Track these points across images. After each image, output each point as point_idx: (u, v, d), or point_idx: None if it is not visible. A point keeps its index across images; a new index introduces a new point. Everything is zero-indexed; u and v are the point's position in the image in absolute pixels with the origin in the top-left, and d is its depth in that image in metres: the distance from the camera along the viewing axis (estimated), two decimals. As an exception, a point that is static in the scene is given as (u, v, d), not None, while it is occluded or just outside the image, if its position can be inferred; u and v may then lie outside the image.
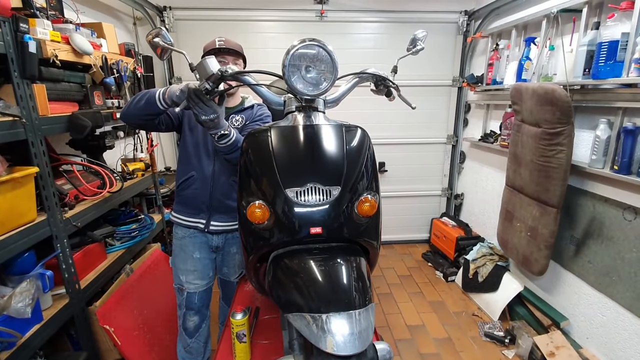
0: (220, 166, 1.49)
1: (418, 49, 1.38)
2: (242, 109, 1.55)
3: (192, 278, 1.59)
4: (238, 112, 1.55)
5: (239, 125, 1.53)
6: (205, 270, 1.62)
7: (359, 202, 1.06)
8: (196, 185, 1.50)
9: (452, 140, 3.45)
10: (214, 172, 1.49)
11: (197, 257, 1.58)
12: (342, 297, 0.90)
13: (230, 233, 1.62)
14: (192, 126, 1.50)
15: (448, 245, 3.17)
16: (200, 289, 1.61)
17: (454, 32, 3.21)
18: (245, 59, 1.54)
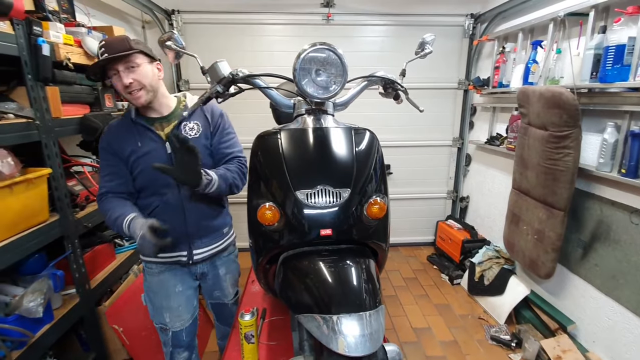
0: (188, 190, 1.27)
1: (426, 52, 1.39)
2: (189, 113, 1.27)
3: (176, 315, 1.40)
4: (185, 119, 1.29)
5: (197, 134, 1.28)
6: (189, 303, 1.44)
7: (368, 204, 1.07)
8: (164, 215, 1.25)
9: (458, 143, 3.45)
10: (181, 198, 1.28)
11: (180, 290, 1.40)
12: (352, 298, 0.91)
13: (216, 255, 1.45)
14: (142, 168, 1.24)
15: (453, 248, 3.16)
16: (187, 324, 1.44)
17: (460, 35, 3.21)
18: (147, 52, 1.20)
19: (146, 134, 1.25)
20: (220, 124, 1.36)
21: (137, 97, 1.17)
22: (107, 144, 1.25)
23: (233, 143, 1.39)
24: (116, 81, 1.15)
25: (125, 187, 1.27)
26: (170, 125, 1.27)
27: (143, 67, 1.17)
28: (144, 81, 1.16)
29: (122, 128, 1.26)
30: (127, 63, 1.13)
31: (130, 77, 1.14)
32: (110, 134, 1.26)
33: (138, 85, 1.15)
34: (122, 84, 1.13)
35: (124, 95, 1.17)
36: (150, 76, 1.19)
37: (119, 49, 1.10)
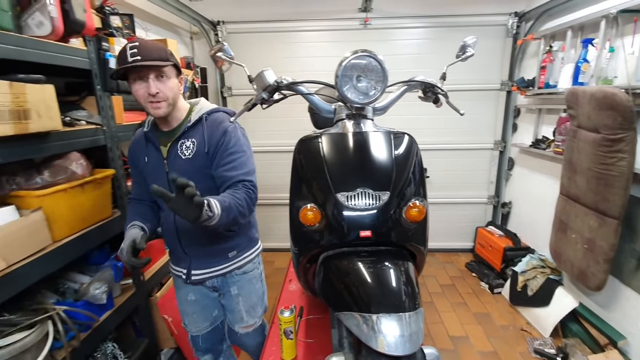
0: None
1: (468, 55, 1.37)
2: (187, 128, 1.19)
3: (192, 320, 1.40)
4: (184, 135, 1.19)
5: (190, 155, 1.17)
6: (205, 312, 1.40)
7: (407, 207, 1.08)
8: (166, 233, 1.30)
9: (500, 146, 3.32)
10: (175, 219, 1.24)
11: (193, 300, 1.37)
12: (392, 299, 0.93)
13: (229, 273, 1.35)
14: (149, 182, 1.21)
15: (494, 255, 3.04)
16: (203, 331, 1.42)
17: (503, 35, 3.11)
18: (178, 66, 1.17)
19: (151, 148, 1.23)
20: (221, 142, 1.19)
21: (157, 107, 1.11)
22: (129, 153, 1.30)
23: (239, 164, 1.20)
24: (138, 87, 1.08)
25: (148, 196, 1.30)
26: (172, 140, 1.20)
27: (171, 81, 1.13)
28: (169, 94, 1.12)
29: (139, 139, 1.27)
30: (158, 72, 1.08)
31: (158, 86, 1.08)
32: (132, 145, 1.30)
33: (162, 96, 1.10)
34: (146, 91, 1.08)
35: (143, 103, 1.11)
36: (175, 90, 1.16)
37: (156, 57, 1.06)
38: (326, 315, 1.72)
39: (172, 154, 1.19)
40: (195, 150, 1.17)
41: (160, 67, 1.08)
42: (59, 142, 1.19)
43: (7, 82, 0.96)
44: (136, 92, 1.10)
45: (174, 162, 1.19)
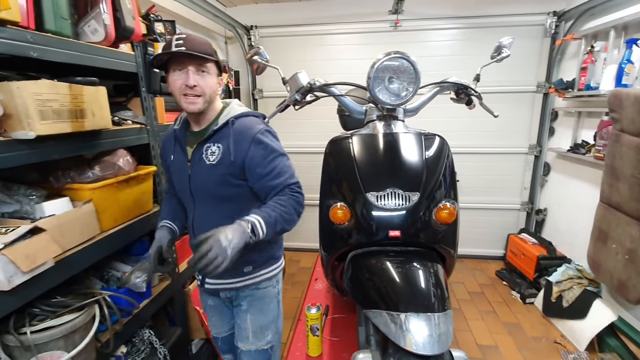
0: (203, 211, 1.17)
1: (503, 56, 1.35)
2: (214, 131, 1.11)
3: (212, 323, 1.42)
4: (211, 137, 1.12)
5: (214, 161, 1.10)
6: (224, 318, 1.37)
7: (437, 209, 1.09)
8: (189, 234, 1.29)
9: (535, 151, 3.19)
10: (193, 218, 1.20)
11: (212, 305, 1.36)
12: (420, 299, 0.93)
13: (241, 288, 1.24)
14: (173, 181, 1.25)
15: (527, 264, 2.93)
16: (223, 334, 1.40)
17: (540, 35, 3.00)
18: (219, 63, 1.12)
19: (178, 147, 1.19)
20: (255, 152, 1.09)
21: (193, 102, 1.06)
22: (161, 149, 1.30)
23: (281, 170, 1.11)
24: (177, 78, 1.04)
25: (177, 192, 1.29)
26: (198, 142, 1.14)
27: (211, 77, 1.09)
28: (206, 90, 1.06)
29: (169, 136, 1.25)
30: (200, 66, 1.05)
31: (196, 79, 1.04)
32: (163, 141, 1.30)
33: (199, 91, 1.05)
34: (183, 82, 1.03)
35: (178, 95, 1.06)
36: (213, 88, 1.10)
37: (200, 49, 1.02)
38: (351, 315, 1.73)
39: (197, 156, 1.13)
40: (220, 157, 1.09)
41: (202, 60, 1.04)
42: (108, 139, 1.29)
43: (67, 84, 1.05)
44: (173, 83, 1.05)
45: (197, 166, 1.13)
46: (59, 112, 1.02)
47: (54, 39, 1.05)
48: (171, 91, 1.08)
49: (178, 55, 1.01)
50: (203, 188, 1.14)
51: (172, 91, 1.07)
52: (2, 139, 0.91)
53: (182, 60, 1.03)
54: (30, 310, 1.06)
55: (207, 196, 1.15)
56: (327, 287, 2.04)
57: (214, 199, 1.15)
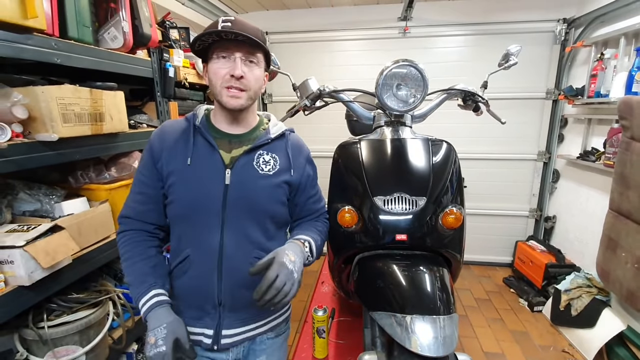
0: (237, 234, 0.93)
1: (511, 64, 1.37)
2: (268, 140, 0.98)
3: None
4: (263, 146, 0.98)
5: (270, 171, 0.96)
6: None
7: (443, 213, 1.10)
8: (194, 271, 0.93)
9: (544, 157, 3.18)
10: (222, 245, 0.92)
11: None
12: (426, 301, 0.95)
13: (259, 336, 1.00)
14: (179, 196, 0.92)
15: (535, 271, 2.91)
16: None
17: (550, 42, 3.00)
18: (268, 53, 0.96)
19: (205, 150, 0.93)
20: (310, 173, 1.06)
21: (236, 96, 0.89)
22: (153, 145, 0.95)
23: (321, 196, 1.12)
24: (220, 66, 0.88)
25: (157, 219, 0.96)
26: (241, 149, 0.96)
27: (260, 71, 0.93)
28: (253, 85, 0.91)
29: (177, 131, 0.95)
30: (249, 54, 0.88)
31: (244, 70, 0.88)
32: (162, 135, 0.96)
33: (246, 84, 0.89)
34: (229, 72, 0.87)
35: (219, 88, 0.89)
36: (260, 83, 0.95)
37: (252, 33, 0.85)
38: (357, 318, 1.75)
39: (241, 164, 0.93)
40: (278, 169, 0.97)
41: (253, 48, 0.88)
42: (125, 142, 1.34)
43: (88, 89, 1.10)
44: (215, 72, 0.88)
45: (242, 175, 0.93)
46: (80, 116, 1.06)
47: (76, 46, 1.10)
48: (210, 82, 0.91)
49: (225, 39, 0.85)
50: (248, 202, 0.93)
51: (212, 82, 0.90)
52: (26, 140, 0.96)
53: (229, 45, 0.86)
54: (47, 305, 1.11)
55: (248, 213, 0.93)
56: (333, 291, 2.06)
57: (254, 219, 0.94)
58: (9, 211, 1.06)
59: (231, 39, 0.85)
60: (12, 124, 0.93)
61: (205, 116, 0.99)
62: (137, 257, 0.92)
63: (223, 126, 0.97)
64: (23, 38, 0.93)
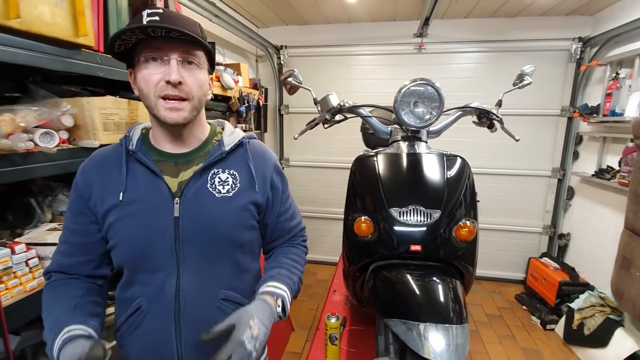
0: (195, 275, 0.78)
1: (525, 83, 1.41)
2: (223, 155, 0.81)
3: None
4: (217, 163, 0.81)
5: (229, 192, 0.80)
6: None
7: (457, 226, 1.14)
8: (148, 325, 0.79)
9: (559, 174, 3.17)
10: (178, 290, 0.77)
11: None
12: (439, 310, 0.99)
13: None
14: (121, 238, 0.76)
15: (548, 289, 2.88)
16: None
17: (565, 60, 3.02)
18: (211, 52, 0.79)
19: (144, 179, 0.77)
20: (279, 185, 0.90)
21: (177, 108, 0.73)
22: (79, 183, 0.79)
23: (294, 210, 0.96)
24: (152, 70, 0.71)
25: (89, 271, 0.80)
26: (191, 169, 0.80)
27: (202, 73, 0.76)
28: (195, 91, 0.74)
29: (110, 159, 0.80)
30: (187, 54, 0.72)
31: (183, 74, 0.72)
32: (89, 169, 0.80)
33: (187, 92, 0.73)
34: (162, 77, 0.70)
35: (153, 99, 0.72)
36: (205, 90, 0.78)
37: (187, 27, 0.69)
38: (369, 327, 1.77)
39: (193, 189, 0.78)
40: (238, 187, 0.81)
41: (191, 46, 0.72)
42: (155, 149, 1.42)
43: (126, 100, 1.19)
44: (146, 79, 0.71)
45: (195, 203, 0.77)
46: (118, 124, 1.15)
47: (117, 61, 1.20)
48: (141, 93, 0.74)
49: (154, 36, 0.68)
50: (208, 234, 0.77)
51: (143, 92, 0.73)
52: (71, 146, 1.05)
53: (160, 44, 0.70)
54: (79, 300, 1.18)
55: (210, 248, 0.78)
56: (345, 299, 2.09)
57: (218, 254, 0.79)
58: (50, 211, 1.15)
59: (161, 35, 0.67)
60: (60, 131, 1.02)
61: (143, 136, 0.83)
62: (56, 303, 0.74)
63: (165, 146, 0.80)
64: (73, 53, 1.03)
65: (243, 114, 2.12)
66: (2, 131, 0.84)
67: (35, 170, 0.94)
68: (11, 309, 0.92)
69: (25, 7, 0.85)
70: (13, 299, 0.94)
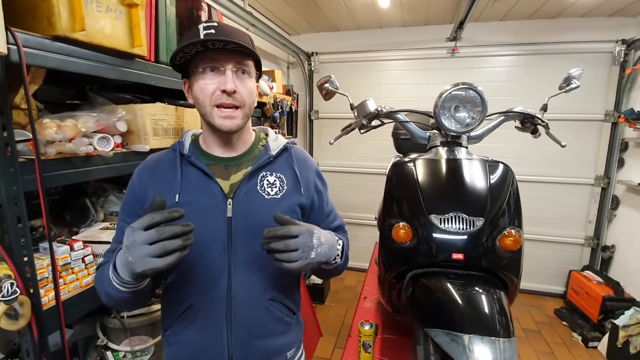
0: (245, 275, 0.81)
1: (572, 87, 1.36)
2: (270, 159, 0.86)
3: None
4: (265, 166, 0.85)
5: (277, 194, 0.83)
6: None
7: (501, 235, 1.11)
8: (200, 323, 0.81)
9: (602, 182, 3.00)
10: (230, 289, 0.80)
11: None
12: (485, 322, 0.95)
13: None
14: None
15: (590, 304, 2.72)
16: None
17: (608, 63, 2.88)
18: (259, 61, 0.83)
19: (198, 181, 0.81)
20: (322, 189, 0.94)
21: (231, 116, 0.77)
22: (135, 186, 0.83)
23: (336, 212, 1.02)
24: (208, 81, 0.76)
25: None
26: (241, 172, 0.84)
27: (252, 81, 0.81)
28: (247, 99, 0.79)
29: (163, 164, 0.84)
30: (240, 65, 0.77)
31: (236, 83, 0.76)
32: (145, 173, 0.84)
33: (240, 100, 0.77)
34: (218, 87, 0.75)
35: (208, 107, 0.77)
36: (254, 97, 0.82)
37: (241, 39, 0.74)
38: (402, 336, 1.74)
39: (244, 191, 0.81)
40: (285, 190, 0.84)
41: (243, 57, 0.77)
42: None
43: (174, 107, 1.25)
44: (202, 89, 0.76)
45: (246, 203, 0.81)
46: (166, 130, 1.20)
47: (165, 69, 1.26)
48: (196, 102, 0.79)
49: (211, 48, 0.73)
50: (256, 234, 0.75)
51: (199, 101, 0.78)
52: (124, 150, 1.11)
53: (216, 56, 0.74)
54: (126, 297, 1.23)
55: (258, 247, 0.75)
56: (376, 306, 2.06)
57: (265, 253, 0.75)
58: (102, 211, 1.21)
59: (218, 47, 0.73)
60: (115, 135, 1.08)
61: (193, 142, 0.87)
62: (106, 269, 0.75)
63: (215, 150, 0.85)
64: (129, 63, 1.09)
65: (277, 120, 2.16)
66: (66, 136, 0.90)
67: (93, 172, 1.00)
68: (68, 304, 0.97)
69: (90, 20, 0.91)
70: (70, 294, 1.00)
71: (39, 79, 0.95)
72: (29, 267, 0.86)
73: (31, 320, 0.86)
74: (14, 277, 0.80)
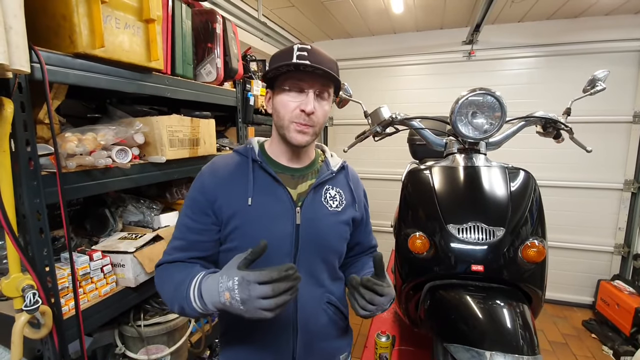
0: (307, 279, 0.85)
1: (598, 90, 1.30)
2: (332, 174, 0.92)
3: None
4: (328, 181, 0.91)
5: (338, 207, 0.90)
6: None
7: (524, 246, 1.06)
8: (268, 326, 0.84)
9: (633, 187, 2.85)
10: (297, 302, 0.86)
11: None
12: (508, 338, 0.91)
13: None
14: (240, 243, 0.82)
15: (622, 316, 2.57)
16: None
17: (636, 62, 2.75)
18: (339, 89, 0.92)
19: (268, 186, 0.85)
20: (367, 206, 1.03)
21: (304, 132, 0.82)
22: (205, 188, 0.85)
23: (371, 227, 1.08)
24: (291, 98, 0.81)
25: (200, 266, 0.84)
26: (306, 183, 0.89)
27: (328, 105, 0.86)
28: (321, 121, 0.85)
29: (231, 166, 0.87)
30: (322, 89, 0.82)
31: (315, 105, 0.81)
32: (214, 170, 0.87)
33: (315, 120, 0.83)
34: (299, 106, 0.80)
35: (286, 121, 0.82)
36: (326, 119, 0.88)
37: (328, 66, 0.79)
38: (419, 348, 1.69)
39: (310, 200, 0.86)
40: (344, 204, 0.91)
41: (327, 83, 0.83)
42: (213, 163, 1.49)
43: (190, 118, 1.27)
44: (285, 104, 0.81)
45: (312, 212, 0.86)
46: (182, 141, 1.23)
47: (181, 81, 1.29)
48: (276, 113, 0.84)
49: (301, 70, 0.79)
50: (320, 242, 0.86)
51: (280, 114, 0.83)
52: (141, 162, 1.13)
53: (303, 77, 0.80)
54: (144, 306, 1.25)
55: (320, 255, 0.87)
56: (393, 317, 2.02)
57: (324, 260, 0.88)
58: (121, 221, 1.24)
59: (307, 71, 0.78)
60: (132, 147, 1.10)
61: (260, 148, 0.91)
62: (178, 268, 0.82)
63: (283, 160, 0.89)
64: (146, 77, 1.12)
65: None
66: (86, 149, 0.93)
67: (112, 183, 1.02)
68: (87, 313, 0.99)
69: (109, 37, 0.94)
70: (89, 303, 1.02)
71: (61, 95, 0.99)
72: (51, 277, 0.89)
73: (52, 329, 0.88)
74: (36, 287, 0.83)
